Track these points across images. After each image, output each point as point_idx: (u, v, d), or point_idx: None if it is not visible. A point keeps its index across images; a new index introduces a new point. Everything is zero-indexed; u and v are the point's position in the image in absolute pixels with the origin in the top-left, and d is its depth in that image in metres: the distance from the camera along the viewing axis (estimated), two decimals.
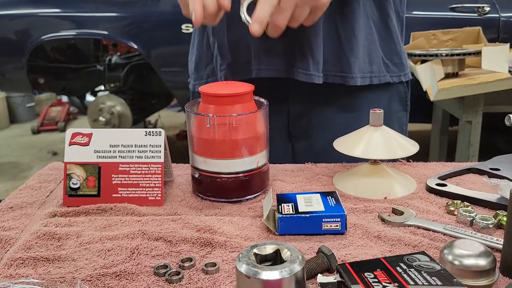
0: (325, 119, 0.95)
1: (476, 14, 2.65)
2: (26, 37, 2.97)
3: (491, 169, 0.82)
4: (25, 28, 3.00)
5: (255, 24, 0.68)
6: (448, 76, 2.12)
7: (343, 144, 0.78)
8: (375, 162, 0.78)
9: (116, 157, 0.73)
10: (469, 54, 2.08)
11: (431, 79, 2.07)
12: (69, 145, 0.74)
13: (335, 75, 0.90)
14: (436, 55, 2.08)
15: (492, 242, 0.58)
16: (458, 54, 2.09)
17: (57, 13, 2.98)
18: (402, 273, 0.47)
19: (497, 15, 2.64)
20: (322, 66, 0.88)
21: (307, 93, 0.93)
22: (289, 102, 0.95)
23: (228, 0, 0.71)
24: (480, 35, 2.40)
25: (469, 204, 0.69)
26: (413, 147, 0.76)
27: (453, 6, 2.66)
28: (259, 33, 0.69)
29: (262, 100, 0.77)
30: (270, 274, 0.41)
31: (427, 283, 0.45)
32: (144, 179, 0.73)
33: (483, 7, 2.64)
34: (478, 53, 2.08)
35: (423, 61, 2.14)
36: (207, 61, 0.98)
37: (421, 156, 0.81)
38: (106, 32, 2.95)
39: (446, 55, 2.08)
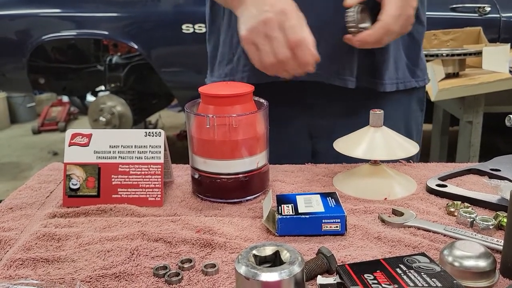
0: (346, 121, 0.94)
1: (476, 14, 2.64)
2: (26, 37, 2.97)
3: (491, 169, 0.81)
4: (25, 28, 2.99)
5: (358, 42, 0.77)
6: (448, 76, 2.12)
7: (344, 145, 0.78)
8: (375, 162, 0.78)
9: (116, 157, 0.73)
10: (470, 54, 2.08)
11: (431, 79, 2.06)
12: (69, 146, 0.74)
13: (367, 80, 0.90)
14: (437, 55, 2.08)
15: (492, 243, 0.58)
16: (458, 54, 2.08)
17: (57, 13, 2.98)
18: (402, 274, 0.47)
19: (498, 15, 2.64)
20: (356, 71, 0.88)
21: (329, 95, 0.93)
22: (311, 103, 0.95)
23: (316, 55, 0.73)
24: (481, 35, 2.40)
25: (469, 205, 0.69)
26: (413, 148, 0.76)
27: (454, 6, 2.66)
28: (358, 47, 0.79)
29: (262, 100, 0.77)
30: (269, 275, 0.41)
31: (426, 285, 0.45)
32: (144, 179, 0.73)
33: (484, 7, 2.63)
34: (478, 53, 2.08)
35: None
36: (227, 60, 0.96)
37: (422, 157, 0.81)
38: (106, 32, 2.95)
39: (447, 55, 2.07)
